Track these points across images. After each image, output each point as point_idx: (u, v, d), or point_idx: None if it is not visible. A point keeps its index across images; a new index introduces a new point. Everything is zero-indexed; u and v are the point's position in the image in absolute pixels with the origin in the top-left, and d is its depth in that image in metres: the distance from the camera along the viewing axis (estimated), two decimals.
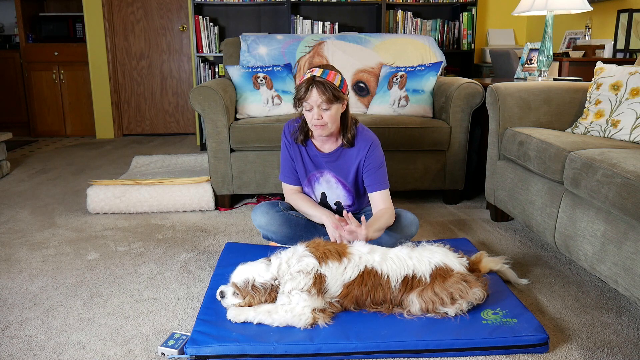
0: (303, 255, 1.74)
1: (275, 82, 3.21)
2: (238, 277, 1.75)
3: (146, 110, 5.73)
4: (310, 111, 2.03)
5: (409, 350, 1.55)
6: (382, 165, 2.17)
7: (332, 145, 2.19)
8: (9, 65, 5.71)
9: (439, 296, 1.67)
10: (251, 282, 1.72)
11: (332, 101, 2.00)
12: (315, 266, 1.71)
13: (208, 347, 1.53)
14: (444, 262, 1.75)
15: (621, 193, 1.65)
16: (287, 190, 2.32)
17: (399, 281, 1.70)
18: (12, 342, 1.65)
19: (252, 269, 1.75)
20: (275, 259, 1.77)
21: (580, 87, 2.60)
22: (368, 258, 1.75)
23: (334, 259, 1.73)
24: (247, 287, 1.72)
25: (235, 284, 1.74)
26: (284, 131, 2.26)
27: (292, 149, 2.24)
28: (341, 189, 2.25)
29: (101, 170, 4.05)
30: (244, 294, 1.72)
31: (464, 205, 3.10)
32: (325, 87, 1.98)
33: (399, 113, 3.17)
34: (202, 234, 2.63)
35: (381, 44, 3.48)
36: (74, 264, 2.28)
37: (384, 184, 2.16)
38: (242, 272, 1.76)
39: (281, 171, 2.31)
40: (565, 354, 1.57)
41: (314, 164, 2.23)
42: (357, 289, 1.71)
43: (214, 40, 4.75)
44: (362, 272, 1.72)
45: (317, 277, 1.69)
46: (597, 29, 4.17)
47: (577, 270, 2.17)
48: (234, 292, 1.74)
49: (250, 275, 1.73)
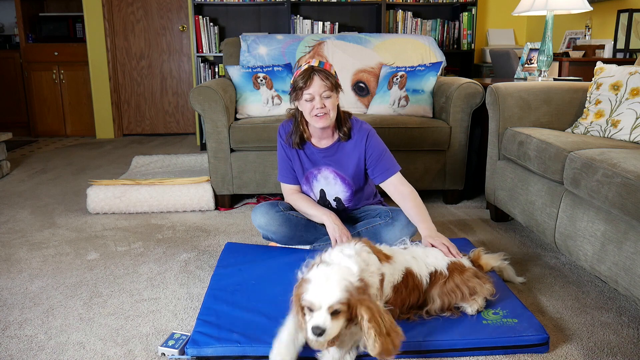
0: (366, 250, 1.53)
1: (275, 82, 3.21)
2: (330, 294, 1.31)
3: (146, 110, 5.73)
4: (311, 101, 2.02)
5: (409, 350, 1.55)
6: (385, 151, 2.16)
7: (329, 140, 2.19)
8: (9, 65, 5.71)
9: (460, 288, 1.66)
10: (352, 286, 1.34)
11: (333, 88, 2.02)
12: (380, 265, 1.52)
13: (209, 348, 1.53)
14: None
15: (621, 193, 1.65)
16: (286, 190, 2.31)
17: (427, 280, 1.67)
18: (12, 342, 1.65)
19: (336, 277, 1.35)
20: (339, 258, 1.45)
21: (580, 87, 2.60)
22: (404, 259, 1.66)
23: (384, 260, 1.57)
24: (353, 293, 1.32)
25: (336, 302, 1.30)
26: (279, 132, 2.25)
27: (288, 148, 2.23)
28: (340, 184, 2.24)
29: (101, 170, 4.05)
30: (353, 302, 1.32)
31: (464, 205, 3.11)
32: (326, 74, 2.01)
33: (399, 113, 3.17)
34: (202, 234, 2.63)
35: (381, 44, 3.48)
36: (74, 264, 2.28)
37: (394, 167, 2.15)
38: (327, 287, 1.32)
39: (279, 172, 2.30)
40: (565, 354, 1.57)
41: (311, 162, 2.23)
42: (404, 290, 1.58)
43: (214, 40, 4.75)
44: (406, 273, 1.61)
45: (381, 277, 1.50)
46: (597, 29, 4.17)
47: (577, 270, 2.17)
48: (334, 312, 1.30)
49: (343, 280, 1.34)
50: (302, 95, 2.03)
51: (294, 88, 2.05)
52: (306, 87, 2.01)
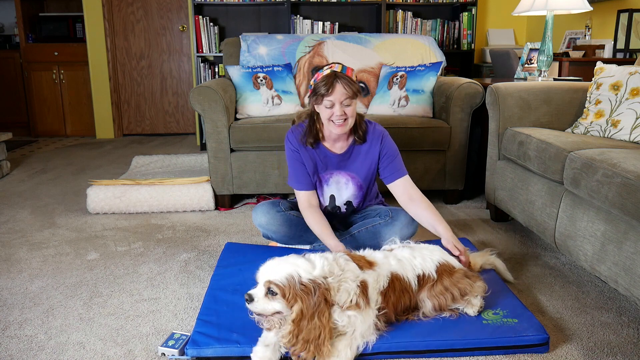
0: (345, 258, 1.57)
1: (275, 82, 3.21)
2: (275, 273, 1.44)
3: (146, 110, 5.73)
4: (331, 108, 1.98)
5: (410, 350, 1.55)
6: (397, 152, 2.16)
7: (344, 144, 2.15)
8: (9, 65, 5.71)
9: (449, 290, 1.66)
10: (297, 279, 1.42)
11: (354, 96, 1.98)
12: (359, 273, 1.54)
13: (209, 349, 1.53)
14: (444, 259, 1.75)
15: (621, 193, 1.65)
16: (302, 199, 2.15)
17: (415, 282, 1.66)
18: (12, 342, 1.65)
19: (291, 264, 1.46)
20: (315, 256, 1.54)
21: (580, 87, 2.60)
22: (388, 263, 1.67)
23: (367, 267, 1.60)
24: (293, 285, 1.40)
25: (273, 282, 1.42)
26: (288, 139, 2.15)
27: (302, 151, 2.14)
28: (352, 187, 2.21)
29: (101, 170, 4.05)
30: (290, 295, 1.41)
31: (464, 205, 3.10)
32: (348, 82, 1.96)
33: (399, 113, 3.17)
34: (202, 234, 2.63)
35: (381, 44, 3.48)
36: (74, 264, 2.28)
37: (403, 171, 2.14)
38: (278, 267, 1.46)
39: (293, 179, 2.16)
40: (565, 354, 1.57)
41: (324, 165, 2.18)
42: (393, 295, 1.59)
43: (214, 40, 4.75)
44: (392, 278, 1.61)
45: (362, 284, 1.52)
46: (597, 29, 4.17)
47: (577, 270, 2.17)
48: (268, 293, 1.44)
49: (293, 270, 1.44)
50: (322, 101, 1.98)
51: (315, 92, 1.99)
52: (328, 94, 1.95)
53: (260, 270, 1.49)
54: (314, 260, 1.51)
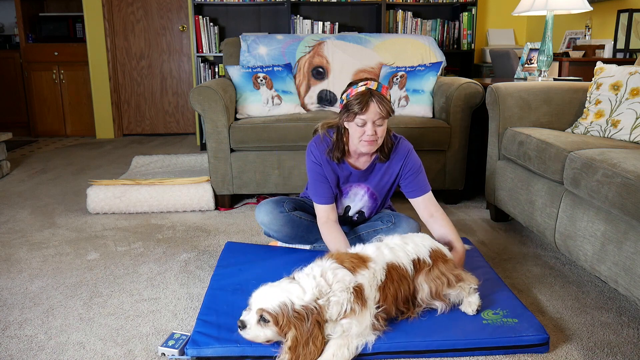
0: (334, 267, 1.57)
1: (275, 82, 3.21)
2: (267, 301, 1.45)
3: (146, 110, 5.73)
4: (363, 127, 1.93)
5: (410, 350, 1.55)
6: (421, 168, 2.11)
7: (367, 159, 2.11)
8: (9, 65, 5.71)
9: (445, 275, 1.67)
10: (290, 306, 1.43)
11: (387, 116, 1.93)
12: (351, 278, 1.54)
13: (209, 349, 1.53)
14: (436, 245, 1.77)
15: (621, 193, 1.65)
16: (322, 213, 2.09)
17: (411, 267, 1.67)
18: (12, 342, 1.65)
19: (283, 290, 1.47)
20: (304, 276, 1.54)
21: (580, 87, 2.60)
22: (382, 255, 1.67)
23: (362, 267, 1.60)
24: (286, 313, 1.42)
25: (266, 310, 1.43)
26: (311, 152, 2.09)
27: (325, 166, 2.08)
28: (367, 199, 2.19)
29: (101, 170, 4.05)
30: (284, 322, 1.42)
31: (464, 205, 3.10)
32: (382, 101, 1.90)
33: (399, 113, 3.17)
34: (202, 234, 2.63)
35: (381, 44, 3.49)
36: (74, 264, 2.28)
37: (428, 186, 2.11)
38: (270, 294, 1.47)
39: (314, 193, 2.10)
40: (565, 354, 1.57)
41: (346, 179, 2.15)
42: (392, 286, 1.60)
43: (214, 40, 4.75)
44: (388, 269, 1.63)
45: (356, 289, 1.53)
46: (597, 29, 4.17)
47: (577, 270, 2.17)
48: (260, 321, 1.45)
49: (286, 298, 1.44)
50: (354, 118, 1.93)
51: (347, 109, 1.92)
52: (361, 112, 1.89)
53: (253, 297, 1.50)
54: (304, 284, 1.50)
